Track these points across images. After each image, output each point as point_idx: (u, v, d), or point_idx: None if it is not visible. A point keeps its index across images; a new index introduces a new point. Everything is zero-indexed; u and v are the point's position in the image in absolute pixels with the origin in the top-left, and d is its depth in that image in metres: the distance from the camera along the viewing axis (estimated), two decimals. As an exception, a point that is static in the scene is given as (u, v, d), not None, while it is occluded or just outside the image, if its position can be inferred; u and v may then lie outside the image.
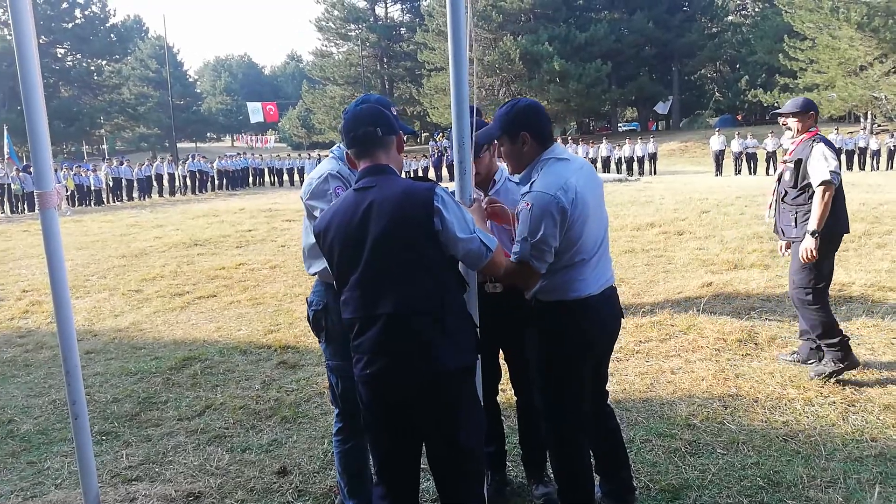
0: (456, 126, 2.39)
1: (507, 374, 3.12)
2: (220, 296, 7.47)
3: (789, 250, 4.40)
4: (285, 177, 33.10)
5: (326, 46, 58.38)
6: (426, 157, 34.44)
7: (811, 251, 4.00)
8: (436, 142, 39.98)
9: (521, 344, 2.89)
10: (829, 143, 4.13)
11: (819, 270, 4.14)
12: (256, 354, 5.26)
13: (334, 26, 55.90)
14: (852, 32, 28.81)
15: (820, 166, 4.02)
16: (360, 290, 2.07)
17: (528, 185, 2.43)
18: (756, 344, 4.82)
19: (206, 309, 6.91)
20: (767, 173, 23.95)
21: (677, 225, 10.68)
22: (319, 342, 2.78)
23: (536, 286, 2.49)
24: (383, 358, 2.05)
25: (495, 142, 2.68)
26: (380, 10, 56.37)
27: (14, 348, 5.81)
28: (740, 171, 24.48)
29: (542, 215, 2.32)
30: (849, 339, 4.18)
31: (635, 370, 4.45)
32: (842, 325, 5.03)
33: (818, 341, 4.21)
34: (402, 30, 55.47)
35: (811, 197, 4.10)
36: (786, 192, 4.31)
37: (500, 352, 3.06)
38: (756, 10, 48.09)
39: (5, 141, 22.99)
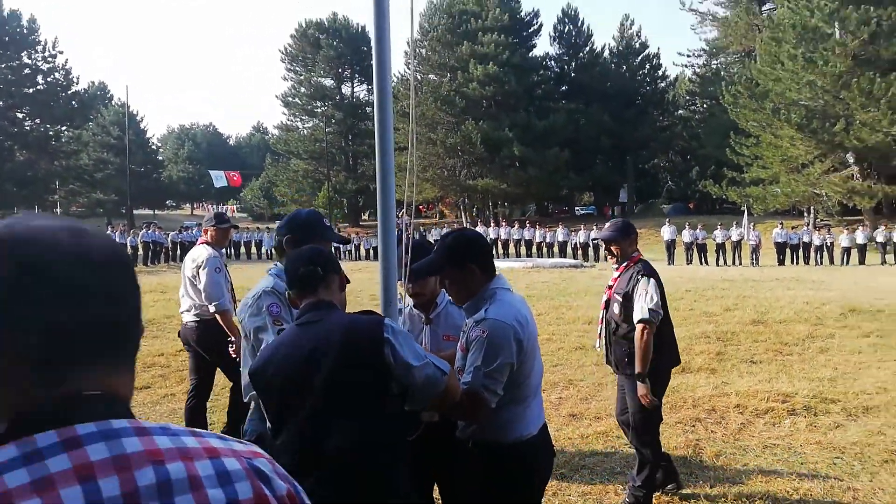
0: (382, 265, 2.33)
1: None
2: (154, 387, 7.11)
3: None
4: (242, 249, 32.74)
5: (292, 121, 59.29)
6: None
7: (648, 396, 3.82)
8: (396, 218, 40.41)
9: (454, 479, 2.75)
10: (653, 275, 3.91)
11: (656, 409, 3.98)
12: (182, 462, 4.92)
13: (300, 102, 57.03)
14: (793, 132, 30.61)
15: (639, 303, 3.82)
16: (306, 431, 1.94)
17: (483, 311, 2.32)
18: (701, 461, 4.73)
19: (136, 403, 6.53)
20: (717, 263, 25.05)
21: (628, 319, 10.73)
22: None
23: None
24: (323, 501, 1.91)
25: None
26: (346, 90, 57.85)
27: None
28: (691, 260, 25.29)
29: (500, 344, 2.22)
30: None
31: (578, 490, 4.29)
32: (785, 441, 5.04)
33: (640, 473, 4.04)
34: (368, 109, 56.80)
35: None
36: (617, 326, 4.08)
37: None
38: (704, 106, 50.84)
39: None
